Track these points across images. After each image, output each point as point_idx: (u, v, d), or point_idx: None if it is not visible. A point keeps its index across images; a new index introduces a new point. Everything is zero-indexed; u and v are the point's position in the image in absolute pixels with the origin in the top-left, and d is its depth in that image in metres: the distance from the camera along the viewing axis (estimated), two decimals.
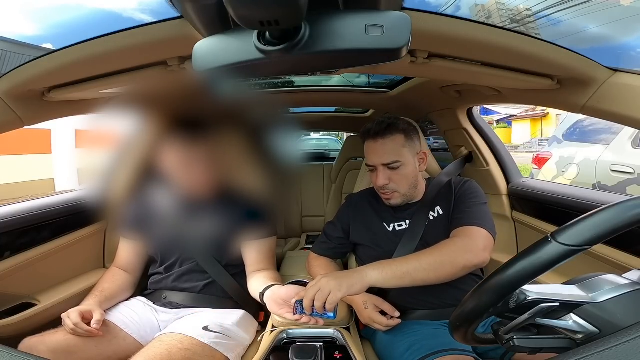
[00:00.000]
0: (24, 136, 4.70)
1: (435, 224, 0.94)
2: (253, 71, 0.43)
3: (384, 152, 0.91)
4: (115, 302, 0.97)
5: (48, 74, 0.66)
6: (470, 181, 1.00)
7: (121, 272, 1.03)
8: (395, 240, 0.94)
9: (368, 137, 0.94)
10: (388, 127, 0.91)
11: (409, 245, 0.91)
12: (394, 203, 0.96)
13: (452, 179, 1.01)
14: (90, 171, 1.12)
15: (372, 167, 0.94)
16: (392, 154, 0.91)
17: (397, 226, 0.97)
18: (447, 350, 0.73)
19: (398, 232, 0.96)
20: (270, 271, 1.00)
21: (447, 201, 0.95)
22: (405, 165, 0.92)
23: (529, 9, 6.77)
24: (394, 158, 0.90)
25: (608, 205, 0.40)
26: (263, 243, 1.03)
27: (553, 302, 0.42)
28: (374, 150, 0.92)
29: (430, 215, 0.95)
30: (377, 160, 0.92)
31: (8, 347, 0.39)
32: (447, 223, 0.92)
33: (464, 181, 1.00)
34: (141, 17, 0.83)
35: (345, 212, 1.07)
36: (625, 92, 0.63)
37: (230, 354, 0.85)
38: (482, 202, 0.93)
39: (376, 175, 0.93)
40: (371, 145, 0.93)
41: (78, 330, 0.79)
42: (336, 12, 0.38)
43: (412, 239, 0.92)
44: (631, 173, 2.25)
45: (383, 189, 0.94)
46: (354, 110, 2.19)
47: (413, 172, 0.94)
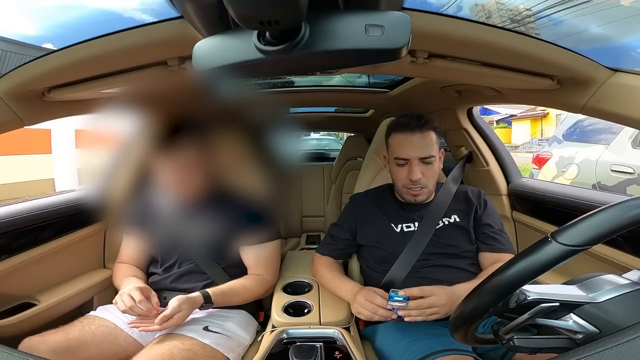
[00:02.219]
0: (24, 136, 4.70)
1: (449, 229, 0.94)
2: (253, 71, 0.43)
3: (422, 146, 0.90)
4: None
5: (48, 74, 0.66)
6: (485, 194, 1.03)
7: (130, 265, 1.04)
8: (402, 241, 0.94)
9: (404, 130, 0.92)
10: (425, 123, 0.91)
11: (417, 247, 0.91)
12: (420, 199, 0.95)
13: (469, 190, 1.03)
14: (90, 171, 1.11)
15: (404, 161, 0.92)
16: (429, 148, 0.91)
17: (405, 227, 0.97)
18: (447, 350, 0.73)
19: (406, 234, 0.95)
20: (255, 277, 1.00)
21: (466, 212, 0.96)
22: (436, 160, 0.93)
23: (529, 9, 6.78)
24: (430, 152, 0.90)
25: (608, 205, 0.40)
26: (260, 248, 1.02)
27: (553, 302, 0.42)
28: (410, 143, 0.90)
29: (445, 220, 0.95)
30: (415, 153, 0.90)
31: (8, 347, 0.39)
32: (464, 232, 0.94)
33: (480, 193, 1.02)
34: (141, 17, 0.84)
35: (351, 213, 1.06)
36: (625, 92, 0.63)
37: (230, 354, 0.85)
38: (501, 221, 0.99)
39: (409, 169, 0.91)
40: (407, 137, 0.91)
41: (137, 308, 0.80)
42: (336, 12, 0.38)
43: (420, 242, 0.92)
44: (631, 173, 2.25)
45: (415, 184, 0.92)
46: (354, 110, 2.19)
47: (438, 169, 0.95)
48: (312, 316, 0.88)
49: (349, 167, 2.02)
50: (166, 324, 0.77)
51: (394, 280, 0.92)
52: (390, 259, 0.94)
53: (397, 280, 0.91)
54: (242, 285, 0.97)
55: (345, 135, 3.45)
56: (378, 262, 0.97)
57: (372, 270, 0.99)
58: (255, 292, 1.00)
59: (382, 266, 0.95)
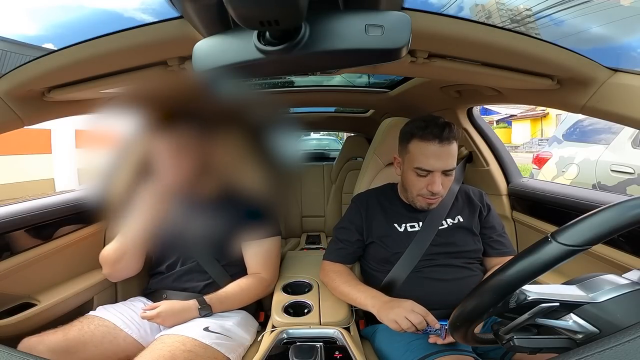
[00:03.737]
0: (24, 136, 4.70)
1: (453, 230, 0.94)
2: (253, 71, 0.43)
3: (448, 158, 0.86)
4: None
5: (48, 74, 0.66)
6: (486, 195, 1.03)
7: None
8: (405, 240, 0.93)
9: (432, 140, 0.85)
10: (451, 132, 0.86)
11: (420, 247, 0.91)
12: (433, 207, 0.94)
13: (470, 190, 1.03)
14: (90, 171, 1.11)
15: (427, 172, 0.87)
16: (453, 159, 0.87)
17: (409, 227, 0.96)
18: (447, 350, 0.73)
19: (410, 233, 0.95)
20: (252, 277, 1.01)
21: (470, 213, 0.97)
22: (454, 172, 0.90)
23: (529, 9, 6.77)
24: (453, 164, 0.87)
25: (608, 205, 0.40)
26: (261, 244, 1.02)
27: (553, 302, 0.42)
28: (438, 155, 0.85)
29: (449, 220, 0.95)
30: (441, 165, 0.86)
31: (7, 347, 0.39)
32: (468, 233, 0.95)
33: (482, 194, 1.02)
34: (142, 17, 0.84)
35: (357, 213, 1.03)
36: (625, 92, 0.63)
37: (231, 355, 0.85)
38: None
39: (430, 180, 0.87)
40: (435, 148, 0.85)
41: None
42: (336, 12, 0.38)
43: (424, 241, 0.92)
44: (631, 173, 2.25)
45: (434, 196, 0.89)
46: (354, 110, 2.19)
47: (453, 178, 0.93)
48: (312, 316, 0.88)
49: (349, 167, 2.02)
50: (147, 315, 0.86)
51: (395, 280, 0.92)
52: (392, 259, 0.94)
53: (399, 279, 0.91)
54: (239, 287, 0.97)
55: (345, 135, 3.45)
56: (380, 262, 0.97)
57: (373, 270, 0.99)
58: (253, 293, 1.00)
59: (384, 266, 0.95)
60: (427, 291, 0.89)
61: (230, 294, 0.95)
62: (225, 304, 0.94)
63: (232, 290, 0.96)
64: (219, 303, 0.92)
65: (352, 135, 2.29)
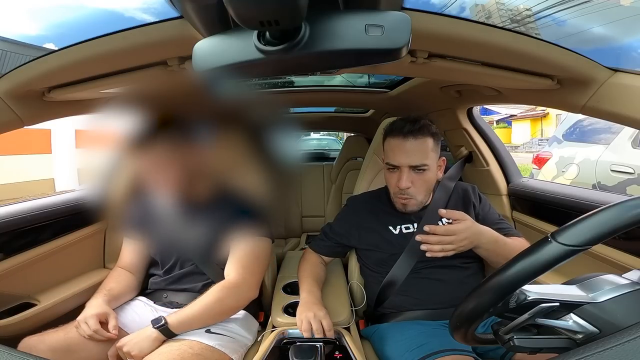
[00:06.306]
0: (24, 136, 4.70)
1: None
2: (253, 71, 0.43)
3: (414, 153, 0.86)
4: (121, 302, 0.96)
5: (48, 74, 0.66)
6: (477, 188, 1.03)
7: (126, 272, 1.03)
8: (401, 242, 0.93)
9: (397, 135, 0.87)
10: (421, 128, 0.86)
11: (417, 247, 0.89)
12: (409, 210, 0.93)
13: (462, 187, 1.02)
14: (90, 171, 1.11)
15: (394, 167, 0.89)
16: (422, 156, 0.86)
17: (404, 228, 0.96)
18: (447, 350, 0.73)
19: (406, 235, 0.95)
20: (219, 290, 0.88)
21: (465, 210, 0.94)
22: (430, 170, 0.88)
23: (529, 9, 6.77)
24: (422, 161, 0.86)
25: (608, 205, 0.40)
26: (245, 244, 0.95)
27: (553, 302, 0.42)
28: (402, 149, 0.86)
29: (444, 221, 0.94)
30: (405, 160, 0.86)
31: (7, 347, 0.39)
32: None
33: (474, 188, 1.02)
34: (142, 17, 0.83)
35: (346, 217, 1.04)
36: (625, 92, 0.63)
37: (234, 355, 0.86)
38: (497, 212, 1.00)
39: (398, 176, 0.88)
40: (399, 143, 0.87)
41: (96, 336, 0.80)
42: (336, 12, 0.38)
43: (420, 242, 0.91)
44: (631, 173, 2.25)
45: (403, 193, 0.89)
46: (354, 110, 2.19)
47: (432, 178, 0.91)
48: None
49: (349, 167, 2.02)
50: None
51: (394, 282, 0.92)
52: (389, 261, 0.94)
53: (397, 281, 0.91)
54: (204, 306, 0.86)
55: (345, 135, 3.45)
56: (378, 264, 0.97)
57: (372, 271, 0.99)
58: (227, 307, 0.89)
59: (382, 268, 0.95)
60: (426, 292, 0.89)
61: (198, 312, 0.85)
62: (187, 324, 0.84)
63: (197, 311, 0.85)
64: (182, 324, 0.83)
65: (352, 135, 2.29)
